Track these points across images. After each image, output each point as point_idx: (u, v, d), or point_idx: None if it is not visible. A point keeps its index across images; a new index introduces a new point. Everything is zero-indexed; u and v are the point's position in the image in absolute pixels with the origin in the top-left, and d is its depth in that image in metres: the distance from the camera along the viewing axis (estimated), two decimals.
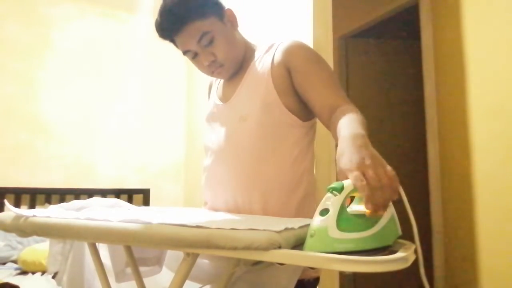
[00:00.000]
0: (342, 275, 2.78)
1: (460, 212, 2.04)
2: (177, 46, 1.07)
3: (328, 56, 1.87)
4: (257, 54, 1.08)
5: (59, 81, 3.15)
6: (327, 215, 0.58)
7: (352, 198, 0.67)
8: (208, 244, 0.59)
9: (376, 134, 3.05)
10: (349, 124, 0.74)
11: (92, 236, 0.72)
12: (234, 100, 1.05)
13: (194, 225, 0.63)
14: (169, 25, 1.01)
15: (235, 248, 0.58)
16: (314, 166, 1.16)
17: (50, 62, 3.13)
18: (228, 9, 1.06)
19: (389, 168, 0.59)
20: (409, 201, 0.61)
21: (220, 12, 1.03)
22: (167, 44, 1.13)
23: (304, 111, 1.01)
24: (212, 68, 1.05)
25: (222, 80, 1.18)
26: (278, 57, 1.01)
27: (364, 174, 0.57)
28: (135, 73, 3.47)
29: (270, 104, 0.98)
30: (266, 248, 0.56)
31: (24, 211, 0.80)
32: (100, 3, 3.37)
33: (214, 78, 1.25)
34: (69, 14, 3.25)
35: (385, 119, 3.07)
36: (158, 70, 3.58)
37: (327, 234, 0.57)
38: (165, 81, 3.61)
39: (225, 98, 1.10)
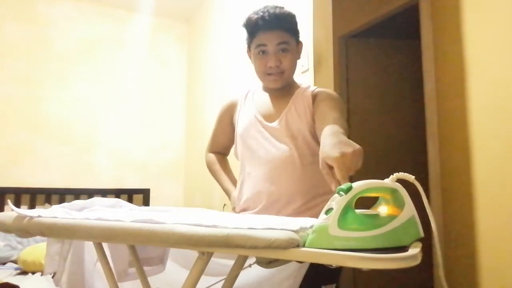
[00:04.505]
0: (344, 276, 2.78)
1: (460, 212, 2.04)
2: (251, 40, 1.27)
3: (328, 56, 1.87)
4: (298, 89, 1.31)
5: (59, 81, 3.15)
6: (330, 213, 0.60)
7: (376, 199, 0.68)
8: (227, 244, 0.60)
9: (376, 134, 3.05)
10: (330, 129, 0.93)
11: (105, 236, 0.72)
12: (283, 121, 1.25)
13: (211, 224, 0.64)
14: (265, 22, 1.22)
15: (255, 247, 0.59)
16: None
17: (50, 62, 3.13)
18: (301, 41, 1.32)
19: (357, 147, 0.77)
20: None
21: (298, 39, 1.30)
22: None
23: None
24: (273, 71, 1.25)
25: (256, 102, 1.34)
26: (314, 93, 1.27)
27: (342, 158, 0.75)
28: (135, 73, 3.47)
29: (311, 127, 1.22)
30: (286, 247, 0.58)
31: (27, 211, 0.79)
32: (100, 2, 3.36)
33: (239, 100, 1.40)
34: (69, 14, 3.25)
35: (385, 119, 3.06)
36: (158, 70, 3.58)
37: (327, 232, 0.58)
38: (165, 81, 3.61)
39: (271, 117, 1.28)
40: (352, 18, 3.05)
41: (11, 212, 0.81)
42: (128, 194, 3.26)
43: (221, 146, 1.49)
